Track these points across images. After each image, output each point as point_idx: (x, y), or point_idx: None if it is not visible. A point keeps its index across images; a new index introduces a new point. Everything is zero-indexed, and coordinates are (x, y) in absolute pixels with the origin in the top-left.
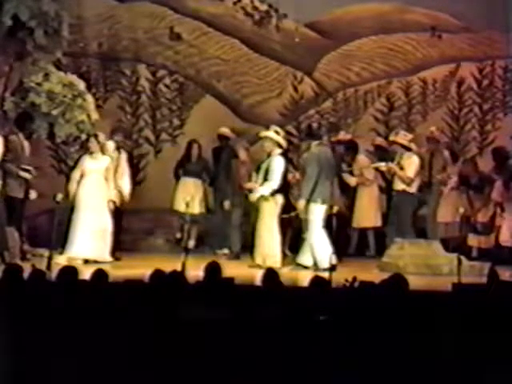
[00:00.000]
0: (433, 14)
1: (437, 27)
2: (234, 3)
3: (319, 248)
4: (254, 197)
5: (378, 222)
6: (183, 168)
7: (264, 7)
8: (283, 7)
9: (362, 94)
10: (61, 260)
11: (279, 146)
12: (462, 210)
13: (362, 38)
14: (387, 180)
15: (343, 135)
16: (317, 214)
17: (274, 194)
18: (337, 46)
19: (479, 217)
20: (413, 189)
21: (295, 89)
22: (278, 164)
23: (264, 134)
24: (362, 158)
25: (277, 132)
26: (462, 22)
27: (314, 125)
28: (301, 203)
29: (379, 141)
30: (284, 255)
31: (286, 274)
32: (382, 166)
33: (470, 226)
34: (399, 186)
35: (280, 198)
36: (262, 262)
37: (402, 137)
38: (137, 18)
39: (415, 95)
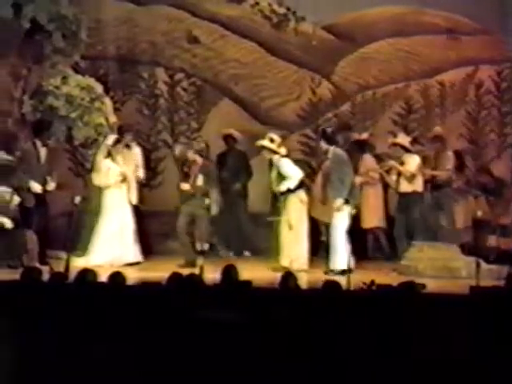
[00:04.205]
0: (450, 17)
1: (454, 29)
2: (252, 6)
3: (344, 251)
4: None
5: (383, 223)
6: None
7: (282, 10)
8: (301, 10)
9: (380, 97)
10: (80, 263)
11: (276, 153)
12: (479, 214)
13: (379, 41)
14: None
15: (361, 135)
16: (345, 216)
17: (296, 191)
18: (354, 49)
19: (501, 220)
20: (420, 188)
21: (313, 92)
22: (285, 163)
23: (259, 143)
24: (368, 158)
25: (271, 139)
26: (480, 24)
27: (329, 129)
28: (338, 202)
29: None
30: None
31: (307, 276)
32: (386, 165)
33: (489, 228)
34: (407, 187)
35: (303, 195)
36: (288, 264)
37: (402, 138)
38: (155, 21)
39: (433, 98)
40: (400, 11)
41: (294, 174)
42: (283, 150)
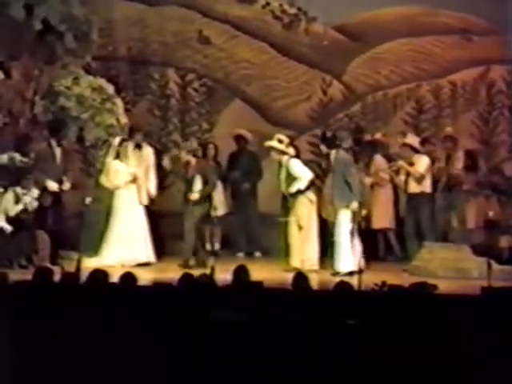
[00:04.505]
0: (462, 17)
1: (466, 29)
2: (263, 7)
3: (349, 252)
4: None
5: (393, 224)
6: None
7: (293, 10)
8: (312, 10)
9: (392, 97)
10: (91, 263)
11: (285, 153)
12: (491, 214)
13: (391, 41)
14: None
15: (374, 135)
16: (348, 217)
17: (305, 191)
18: (366, 49)
19: None
20: (428, 189)
21: (324, 92)
22: (295, 164)
23: (268, 144)
24: (378, 158)
25: (280, 140)
26: (492, 24)
27: (328, 132)
28: (354, 205)
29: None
30: None
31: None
32: (395, 165)
33: (501, 229)
34: (415, 188)
35: (312, 195)
36: (299, 265)
37: (411, 138)
38: (166, 22)
39: (445, 98)
40: (412, 11)
41: (303, 174)
42: (292, 151)
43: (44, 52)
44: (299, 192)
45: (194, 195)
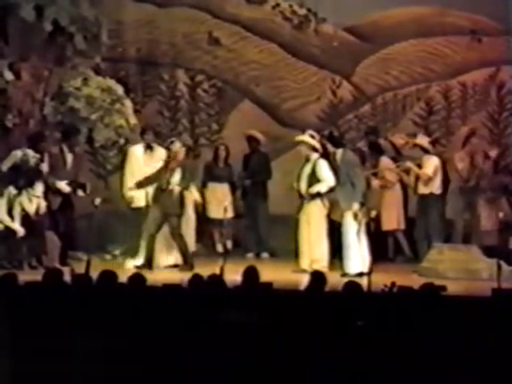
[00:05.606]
0: (472, 17)
1: (476, 30)
2: (273, 7)
3: (357, 254)
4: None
5: (402, 225)
6: (210, 173)
7: (303, 11)
8: (322, 11)
9: (401, 98)
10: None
11: (315, 150)
12: (501, 215)
13: (401, 42)
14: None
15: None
16: (360, 218)
17: (322, 195)
18: (376, 50)
19: None
20: (438, 190)
21: (334, 93)
22: (323, 165)
23: (299, 138)
24: (385, 159)
25: (312, 136)
26: (502, 24)
27: (336, 133)
28: (355, 206)
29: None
30: None
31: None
32: (403, 166)
33: (511, 230)
34: (424, 189)
35: (327, 200)
36: (308, 266)
37: (421, 139)
38: (175, 23)
39: (454, 99)
40: (423, 12)
41: (329, 178)
42: (320, 147)
43: (54, 53)
44: (318, 194)
45: (170, 186)
